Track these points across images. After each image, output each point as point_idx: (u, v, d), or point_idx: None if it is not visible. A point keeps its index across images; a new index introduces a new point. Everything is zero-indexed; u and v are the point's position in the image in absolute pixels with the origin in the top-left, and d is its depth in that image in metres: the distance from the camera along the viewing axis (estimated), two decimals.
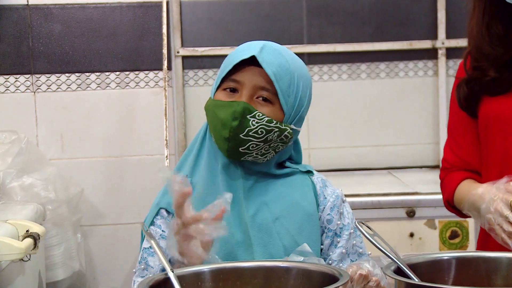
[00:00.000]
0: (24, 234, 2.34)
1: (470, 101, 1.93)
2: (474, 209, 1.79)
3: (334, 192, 1.80)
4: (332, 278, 1.34)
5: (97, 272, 3.52)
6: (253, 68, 1.67)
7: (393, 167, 3.58)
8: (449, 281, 1.46)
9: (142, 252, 1.72)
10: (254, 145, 1.67)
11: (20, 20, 3.41)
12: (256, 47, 1.68)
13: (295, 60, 1.72)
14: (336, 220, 1.76)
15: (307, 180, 1.79)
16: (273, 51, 1.68)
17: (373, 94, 3.58)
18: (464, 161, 1.97)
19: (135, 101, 3.48)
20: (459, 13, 3.54)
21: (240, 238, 1.68)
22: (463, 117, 1.97)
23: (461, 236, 2.92)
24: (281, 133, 1.68)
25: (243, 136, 1.65)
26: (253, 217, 1.70)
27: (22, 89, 3.43)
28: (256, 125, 1.65)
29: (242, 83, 1.68)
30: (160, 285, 1.34)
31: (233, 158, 1.70)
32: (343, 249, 1.75)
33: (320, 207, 1.77)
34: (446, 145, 2.04)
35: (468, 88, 1.92)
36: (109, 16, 3.45)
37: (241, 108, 1.64)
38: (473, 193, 1.79)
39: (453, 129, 2.01)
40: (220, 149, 1.70)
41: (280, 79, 1.66)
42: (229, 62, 1.70)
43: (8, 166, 2.98)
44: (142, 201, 3.45)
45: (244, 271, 1.43)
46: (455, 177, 1.96)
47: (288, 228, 1.71)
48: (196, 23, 3.50)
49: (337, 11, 3.54)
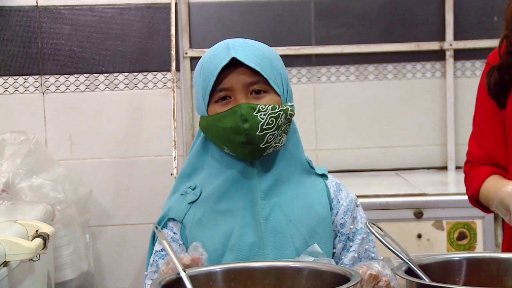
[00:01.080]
0: (33, 234, 2.34)
1: (500, 89, 1.87)
2: (503, 207, 1.76)
3: (348, 196, 1.79)
4: (343, 278, 1.34)
5: (106, 273, 3.52)
6: (231, 70, 1.67)
7: (400, 168, 3.58)
8: (460, 281, 1.46)
9: (153, 255, 1.73)
10: (271, 136, 1.67)
11: (29, 21, 3.42)
12: (225, 49, 1.67)
13: (261, 44, 1.73)
14: (349, 224, 1.76)
15: (321, 183, 1.79)
16: (241, 46, 1.69)
17: (381, 96, 3.58)
18: (489, 155, 1.92)
19: (143, 102, 3.49)
20: (467, 14, 3.55)
21: (253, 239, 1.68)
22: (490, 108, 1.91)
23: (469, 237, 2.92)
24: (286, 114, 1.69)
25: (259, 133, 1.66)
26: (266, 219, 1.70)
27: (31, 90, 3.45)
28: (265, 117, 1.65)
29: (231, 89, 1.68)
30: (172, 284, 1.34)
31: (257, 157, 1.70)
32: (355, 253, 1.74)
33: (334, 211, 1.76)
34: (471, 138, 1.99)
35: (499, 75, 1.86)
36: (117, 17, 3.46)
37: (245, 109, 1.65)
38: (502, 190, 1.76)
39: (480, 121, 1.96)
40: (240, 155, 1.70)
41: (263, 66, 1.67)
42: (210, 74, 1.67)
43: (17, 166, 2.99)
44: (151, 201, 3.46)
45: (256, 271, 1.44)
46: (480, 171, 1.92)
47: (300, 230, 1.71)
48: (205, 25, 3.51)
49: (345, 13, 3.55)
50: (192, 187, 1.75)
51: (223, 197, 1.72)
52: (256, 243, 1.68)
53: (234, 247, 1.67)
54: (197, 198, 1.73)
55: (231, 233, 1.68)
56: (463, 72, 3.58)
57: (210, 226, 1.70)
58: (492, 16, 3.53)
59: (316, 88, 3.57)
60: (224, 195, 1.72)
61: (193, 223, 1.71)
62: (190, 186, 1.75)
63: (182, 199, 1.75)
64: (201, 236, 1.69)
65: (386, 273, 1.57)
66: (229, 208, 1.71)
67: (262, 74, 1.67)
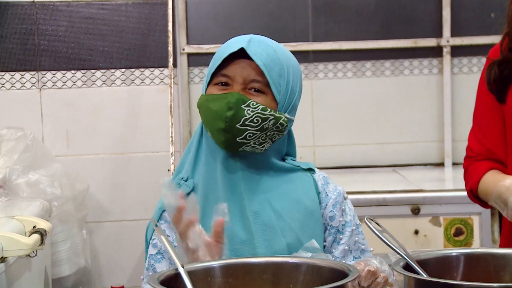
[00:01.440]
0: (31, 230, 2.34)
1: (500, 84, 1.88)
2: (501, 201, 1.77)
3: (336, 189, 1.80)
4: (341, 274, 1.34)
5: (102, 269, 3.52)
6: (242, 61, 1.68)
7: (397, 165, 3.59)
8: (457, 277, 1.46)
9: (148, 259, 1.73)
10: (251, 134, 1.67)
11: (26, 17, 3.42)
12: (243, 40, 1.70)
13: (283, 50, 1.73)
14: (338, 217, 1.77)
15: (309, 177, 1.80)
16: (260, 43, 1.70)
17: (378, 92, 3.59)
18: (489, 150, 1.93)
19: (140, 98, 3.49)
20: (464, 11, 3.55)
21: (242, 234, 1.68)
22: (490, 103, 1.92)
23: (465, 234, 2.93)
24: (276, 121, 1.68)
25: (239, 126, 1.65)
26: (256, 214, 1.70)
27: (27, 86, 3.44)
28: (251, 114, 1.65)
29: (232, 77, 1.69)
30: (171, 280, 1.34)
31: (231, 149, 1.70)
32: (345, 245, 1.75)
33: (322, 204, 1.77)
34: (470, 133, 1.99)
35: (499, 70, 1.87)
36: (115, 14, 3.46)
37: (235, 99, 1.65)
38: (500, 184, 1.77)
39: (479, 116, 1.96)
40: (217, 142, 1.70)
41: (270, 69, 1.67)
42: (218, 57, 1.71)
43: (14, 162, 2.99)
44: (148, 198, 3.46)
45: (254, 267, 1.44)
46: (480, 166, 1.92)
47: (291, 225, 1.71)
48: (202, 21, 3.51)
49: (342, 9, 3.55)
50: (184, 178, 1.75)
51: (210, 188, 1.72)
52: (247, 239, 1.68)
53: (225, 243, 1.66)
54: (191, 189, 1.73)
55: None
56: (460, 69, 3.58)
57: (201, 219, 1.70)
58: (489, 12, 3.53)
59: (313, 84, 3.57)
60: (210, 186, 1.72)
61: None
62: (182, 177, 1.75)
63: None
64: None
65: (384, 269, 1.58)
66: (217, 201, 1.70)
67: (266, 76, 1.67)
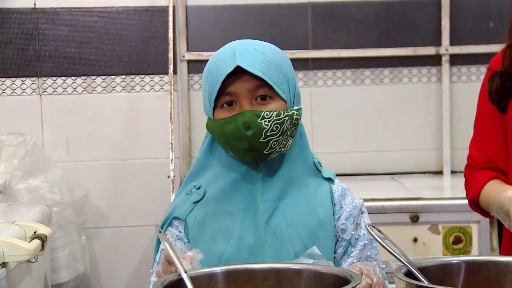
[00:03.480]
0: (31, 235, 2.35)
1: (502, 94, 1.89)
2: (503, 212, 1.77)
3: (353, 202, 1.79)
4: (343, 280, 1.35)
5: (101, 274, 3.53)
6: (236, 76, 1.67)
7: (396, 172, 3.60)
8: (458, 284, 1.46)
9: (159, 253, 1.75)
10: (275, 142, 1.68)
11: (27, 23, 3.43)
12: (230, 54, 1.67)
13: (268, 47, 1.73)
14: (350, 230, 1.75)
15: (327, 187, 1.79)
16: (247, 52, 1.68)
17: (377, 100, 3.60)
18: (490, 159, 1.93)
19: (140, 104, 3.50)
20: (463, 20, 3.57)
21: (252, 242, 1.69)
22: (491, 112, 1.93)
23: (464, 242, 2.93)
24: (292, 119, 1.69)
25: (262, 140, 1.66)
26: (267, 222, 1.71)
27: (28, 92, 3.45)
28: (269, 124, 1.66)
29: (236, 94, 1.68)
30: (174, 285, 1.35)
31: (262, 161, 1.71)
32: (355, 258, 1.74)
33: (336, 216, 1.76)
34: (472, 142, 2.00)
35: (501, 81, 1.88)
36: (115, 20, 3.47)
37: (248, 117, 1.65)
38: (502, 195, 1.77)
39: (480, 125, 1.97)
40: (245, 160, 1.71)
41: (269, 73, 1.67)
42: (215, 79, 1.68)
43: (15, 168, 3.00)
44: (147, 204, 3.47)
45: (256, 273, 1.45)
46: (481, 176, 1.93)
47: (300, 234, 1.71)
48: (202, 28, 3.52)
49: (342, 17, 3.56)
50: (197, 186, 1.76)
51: (225, 199, 1.73)
52: (255, 246, 1.69)
53: (233, 249, 1.68)
54: (201, 198, 1.75)
55: (231, 235, 1.69)
56: (458, 77, 3.60)
57: (211, 227, 1.72)
58: (488, 21, 3.55)
59: (312, 92, 3.58)
60: (226, 197, 1.73)
61: (195, 224, 1.73)
62: (195, 185, 1.76)
63: (187, 198, 1.77)
64: (202, 237, 1.71)
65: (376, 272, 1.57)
66: (230, 210, 1.72)
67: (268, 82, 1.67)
